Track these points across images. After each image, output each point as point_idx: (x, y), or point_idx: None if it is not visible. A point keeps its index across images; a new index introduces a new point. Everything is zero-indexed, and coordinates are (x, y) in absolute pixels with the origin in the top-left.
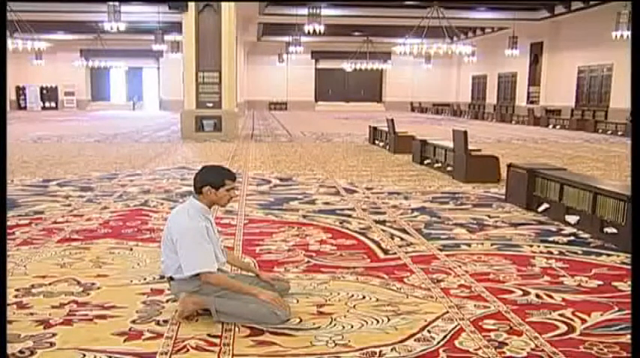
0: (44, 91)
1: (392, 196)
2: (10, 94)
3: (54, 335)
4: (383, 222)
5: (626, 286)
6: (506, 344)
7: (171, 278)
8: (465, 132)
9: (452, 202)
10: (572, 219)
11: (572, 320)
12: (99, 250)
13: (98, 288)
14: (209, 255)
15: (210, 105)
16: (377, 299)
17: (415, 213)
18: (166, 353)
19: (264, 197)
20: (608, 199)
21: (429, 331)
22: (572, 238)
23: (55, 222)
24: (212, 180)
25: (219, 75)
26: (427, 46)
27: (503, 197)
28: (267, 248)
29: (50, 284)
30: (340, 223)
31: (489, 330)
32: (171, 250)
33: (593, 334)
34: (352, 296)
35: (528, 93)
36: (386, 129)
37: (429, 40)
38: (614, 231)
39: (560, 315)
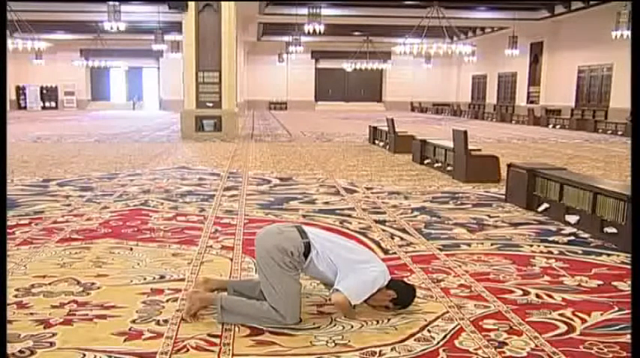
0: (44, 91)
1: (392, 196)
2: (10, 94)
3: (54, 334)
4: (383, 222)
5: (626, 286)
6: (506, 344)
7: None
8: (465, 132)
9: (452, 202)
10: (572, 218)
11: (572, 319)
12: (99, 250)
13: (98, 288)
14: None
15: (210, 105)
16: None
17: (415, 213)
18: (166, 353)
19: (264, 197)
20: (608, 199)
21: (429, 331)
22: (572, 238)
23: (55, 222)
24: None
25: (219, 75)
26: (427, 46)
27: (503, 197)
28: None
29: (50, 284)
30: (340, 223)
31: (489, 330)
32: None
33: (593, 334)
34: None
35: (528, 93)
36: (386, 129)
37: (429, 39)
38: (614, 230)
39: (560, 315)
